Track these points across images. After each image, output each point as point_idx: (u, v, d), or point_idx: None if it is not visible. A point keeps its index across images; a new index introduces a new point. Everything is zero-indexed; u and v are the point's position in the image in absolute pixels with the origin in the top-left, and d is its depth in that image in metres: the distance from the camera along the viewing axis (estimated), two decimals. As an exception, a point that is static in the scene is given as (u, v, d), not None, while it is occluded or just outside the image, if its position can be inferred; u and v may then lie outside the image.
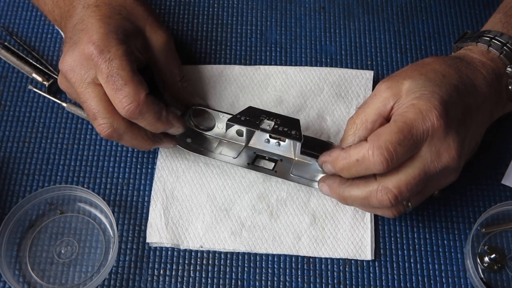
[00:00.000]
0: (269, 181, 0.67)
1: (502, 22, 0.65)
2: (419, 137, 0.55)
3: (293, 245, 0.64)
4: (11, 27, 0.78)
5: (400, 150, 0.54)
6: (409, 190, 0.56)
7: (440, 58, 0.61)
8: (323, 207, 0.66)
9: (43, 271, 0.64)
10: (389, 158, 0.54)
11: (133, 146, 0.64)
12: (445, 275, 0.64)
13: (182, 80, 0.68)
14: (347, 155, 0.57)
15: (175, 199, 0.67)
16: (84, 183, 0.68)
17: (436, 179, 0.57)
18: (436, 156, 0.55)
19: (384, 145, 0.54)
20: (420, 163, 0.55)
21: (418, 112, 0.55)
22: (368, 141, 0.55)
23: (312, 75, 0.73)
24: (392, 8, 0.80)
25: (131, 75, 0.59)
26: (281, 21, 0.78)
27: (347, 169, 0.57)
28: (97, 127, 0.61)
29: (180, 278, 0.64)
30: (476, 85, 0.60)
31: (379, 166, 0.54)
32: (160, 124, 0.62)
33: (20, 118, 0.72)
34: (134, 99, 0.59)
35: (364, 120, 0.58)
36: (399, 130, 0.54)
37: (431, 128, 0.55)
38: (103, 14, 0.62)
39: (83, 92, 0.61)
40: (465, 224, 0.66)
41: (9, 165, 0.69)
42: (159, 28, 0.66)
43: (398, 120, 0.55)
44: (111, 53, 0.59)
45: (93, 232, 0.66)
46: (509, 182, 0.68)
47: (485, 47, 0.63)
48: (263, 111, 0.65)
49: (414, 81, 0.57)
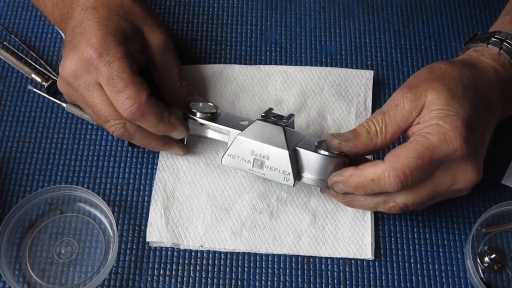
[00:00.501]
0: (270, 181, 0.67)
1: (511, 24, 0.65)
2: (438, 162, 0.54)
3: (294, 244, 0.64)
4: (11, 27, 0.78)
5: (417, 174, 0.54)
6: (415, 205, 0.57)
7: (455, 66, 0.59)
8: (323, 206, 0.66)
9: (43, 271, 0.63)
10: (404, 182, 0.54)
11: (144, 145, 0.66)
12: (445, 275, 0.64)
13: (181, 79, 0.67)
14: (361, 174, 0.56)
15: (175, 199, 0.67)
16: (84, 183, 0.68)
17: (445, 196, 0.58)
18: (451, 179, 0.56)
19: (401, 168, 0.54)
20: (432, 185, 0.56)
21: (442, 137, 0.54)
22: (385, 161, 0.55)
23: (313, 75, 0.73)
24: (392, 8, 0.80)
25: (132, 76, 0.60)
26: (281, 21, 0.78)
27: (362, 188, 0.57)
28: (109, 128, 0.62)
29: (180, 278, 0.63)
30: (491, 98, 0.59)
31: (393, 187, 0.54)
32: (162, 125, 0.62)
33: (20, 118, 0.72)
34: (136, 101, 0.59)
35: (383, 130, 0.57)
36: (419, 155, 0.54)
37: (452, 154, 0.54)
38: (101, 16, 0.62)
39: (91, 96, 0.61)
40: (465, 224, 0.66)
41: (9, 165, 0.69)
42: (157, 28, 0.66)
43: (420, 143, 0.54)
44: (110, 56, 0.59)
45: (93, 232, 0.65)
46: (509, 182, 0.68)
47: (496, 50, 0.61)
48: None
49: (437, 94, 0.56)
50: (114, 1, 0.64)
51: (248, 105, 0.72)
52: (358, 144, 0.57)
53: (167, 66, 0.66)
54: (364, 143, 0.57)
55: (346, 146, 0.58)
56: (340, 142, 0.58)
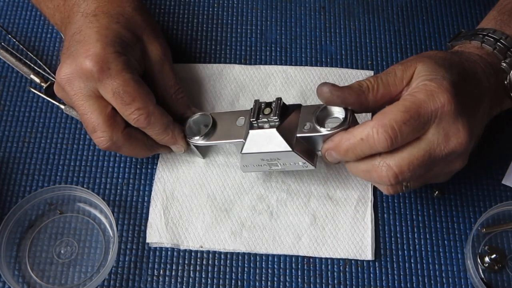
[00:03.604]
0: (269, 182, 0.67)
1: (495, 19, 0.66)
2: (426, 117, 0.54)
3: (293, 245, 0.64)
4: (11, 27, 0.78)
5: (406, 129, 0.54)
6: (411, 170, 0.55)
7: (442, 51, 0.62)
8: (323, 207, 0.66)
9: (42, 271, 0.63)
10: (393, 136, 0.53)
11: (131, 155, 0.66)
12: (445, 275, 0.64)
13: (177, 92, 0.66)
14: (350, 136, 0.56)
15: (175, 199, 0.67)
16: (84, 183, 0.68)
17: (441, 163, 0.57)
18: (443, 139, 0.55)
19: (389, 123, 0.53)
20: (425, 145, 0.55)
21: (429, 93, 0.54)
22: (373, 119, 0.55)
23: (313, 75, 0.73)
24: (393, 8, 0.79)
25: (137, 88, 0.60)
26: (281, 21, 0.78)
27: (352, 150, 0.56)
28: (96, 140, 0.61)
29: (180, 279, 0.63)
30: (478, 77, 0.60)
31: (383, 143, 0.54)
32: (165, 135, 0.63)
33: (19, 118, 0.72)
34: (144, 112, 0.60)
35: (375, 88, 0.57)
36: (406, 109, 0.54)
37: (440, 110, 0.54)
38: (101, 25, 0.62)
39: (83, 104, 0.61)
40: (465, 224, 0.66)
41: (8, 165, 0.69)
42: (155, 39, 0.65)
43: (407, 99, 0.55)
44: (112, 69, 0.59)
45: (92, 232, 0.65)
46: (509, 182, 0.68)
47: (479, 43, 0.63)
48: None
49: (425, 64, 0.57)
50: (115, 9, 0.64)
51: (248, 105, 0.72)
52: (349, 92, 0.57)
53: (163, 78, 0.66)
54: (356, 92, 0.57)
55: (336, 95, 0.57)
56: (331, 91, 0.57)
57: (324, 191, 0.67)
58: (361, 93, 0.57)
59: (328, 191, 0.67)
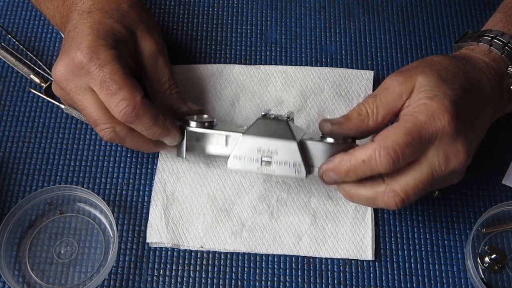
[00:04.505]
0: (270, 182, 0.67)
1: (502, 22, 0.65)
2: (427, 139, 0.54)
3: (294, 245, 0.64)
4: (11, 27, 0.78)
5: (407, 151, 0.54)
6: (416, 193, 0.56)
7: (447, 57, 0.61)
8: (323, 207, 0.66)
9: (42, 271, 0.63)
10: (395, 159, 0.54)
11: (136, 148, 0.65)
12: (445, 275, 0.64)
13: (171, 87, 0.66)
14: (351, 157, 0.56)
15: (175, 199, 0.67)
16: (84, 183, 0.68)
17: (442, 181, 0.57)
18: (444, 160, 0.55)
19: (391, 146, 0.54)
20: (427, 167, 0.55)
21: (429, 113, 0.54)
22: (375, 141, 0.55)
23: (313, 75, 0.73)
24: (393, 8, 0.80)
25: (124, 78, 0.59)
26: (281, 21, 0.78)
27: (353, 171, 0.56)
28: (99, 132, 0.61)
29: (180, 279, 0.63)
30: (482, 87, 0.59)
31: (385, 166, 0.54)
32: (157, 128, 0.61)
33: (19, 118, 0.72)
34: (130, 102, 0.58)
35: (375, 112, 0.57)
36: (408, 132, 0.54)
37: (440, 131, 0.54)
38: (94, 21, 0.62)
39: (81, 99, 0.61)
40: (465, 224, 0.66)
41: (8, 165, 0.69)
42: (149, 35, 0.65)
43: (408, 120, 0.55)
44: (101, 60, 0.59)
45: (92, 232, 0.65)
46: (509, 182, 0.68)
47: (487, 47, 0.62)
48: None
49: (427, 77, 0.57)
50: (110, 5, 0.64)
51: (248, 105, 0.72)
52: (349, 126, 0.57)
53: (157, 73, 0.65)
54: (355, 124, 0.57)
55: (338, 129, 0.58)
56: (332, 125, 0.58)
57: (324, 191, 0.67)
58: (361, 123, 0.57)
59: (329, 191, 0.67)
